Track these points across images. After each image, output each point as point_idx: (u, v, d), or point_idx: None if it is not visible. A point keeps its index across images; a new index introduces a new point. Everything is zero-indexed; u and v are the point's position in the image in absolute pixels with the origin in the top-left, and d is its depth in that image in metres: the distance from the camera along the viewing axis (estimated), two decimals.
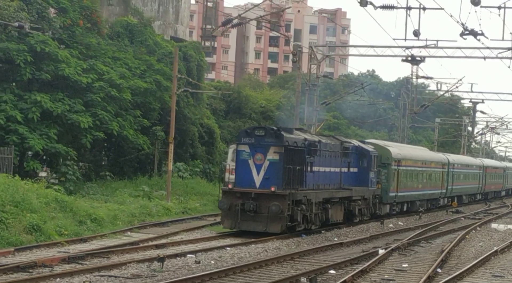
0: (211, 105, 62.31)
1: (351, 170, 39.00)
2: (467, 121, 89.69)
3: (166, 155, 53.72)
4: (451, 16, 28.22)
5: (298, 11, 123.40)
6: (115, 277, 19.85)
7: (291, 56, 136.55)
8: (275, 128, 32.14)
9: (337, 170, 37.12)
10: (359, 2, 23.45)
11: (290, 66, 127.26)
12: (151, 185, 46.86)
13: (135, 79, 47.16)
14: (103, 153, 54.10)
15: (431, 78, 57.60)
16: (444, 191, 56.98)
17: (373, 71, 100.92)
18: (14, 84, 42.39)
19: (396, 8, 29.14)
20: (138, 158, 52.50)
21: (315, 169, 34.14)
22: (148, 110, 49.41)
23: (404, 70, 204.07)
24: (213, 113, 61.85)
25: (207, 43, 33.97)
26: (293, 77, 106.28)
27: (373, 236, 33.51)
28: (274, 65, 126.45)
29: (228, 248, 26.72)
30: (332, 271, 22.57)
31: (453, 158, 61.35)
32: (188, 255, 24.50)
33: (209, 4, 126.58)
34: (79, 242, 26.94)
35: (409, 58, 41.92)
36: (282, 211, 30.33)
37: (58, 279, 19.28)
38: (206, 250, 26.00)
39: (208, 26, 35.83)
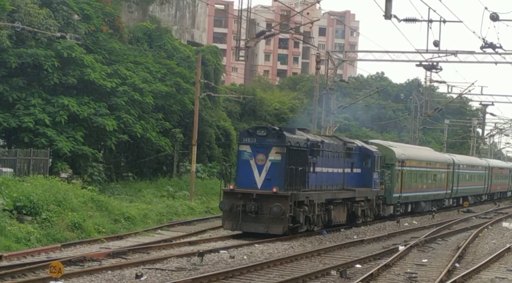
0: (227, 108, 64.11)
1: (354, 170, 38.72)
2: (476, 122, 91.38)
3: (184, 156, 55.69)
4: (473, 32, 30.18)
5: (308, 13, 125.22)
6: (162, 270, 21.69)
7: (300, 58, 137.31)
8: (277, 128, 31.94)
9: (340, 170, 36.81)
10: (383, 16, 25.24)
11: (299, 68, 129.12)
12: (171, 185, 48.63)
13: (157, 83, 48.97)
14: (123, 154, 55.88)
15: (444, 82, 59.33)
16: (449, 191, 56.79)
17: (382, 73, 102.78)
18: (40, 88, 44.16)
19: (418, 21, 30.97)
20: (157, 159, 54.30)
21: (317, 169, 33.87)
22: (169, 113, 51.18)
23: (413, 71, 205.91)
24: (229, 115, 63.65)
25: (241, 53, 35.39)
26: (303, 79, 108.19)
27: (391, 234, 35.29)
28: (284, 67, 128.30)
29: (256, 245, 28.52)
30: (358, 265, 24.36)
31: (458, 158, 61.38)
32: (221, 251, 26.27)
33: (220, 7, 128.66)
34: (116, 239, 28.80)
35: (423, 63, 43.61)
36: (284, 212, 30.08)
37: (110, 271, 21.10)
38: (236, 247, 27.80)
39: (243, 38, 37.24)
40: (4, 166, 32.00)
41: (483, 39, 30.28)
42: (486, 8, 28.59)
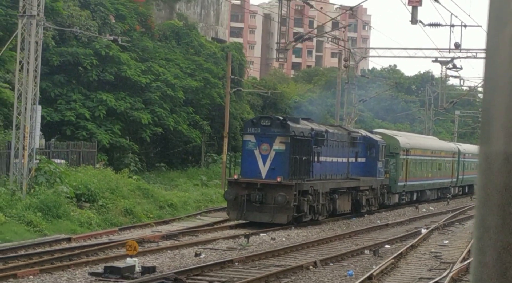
0: (249, 101, 66.23)
1: (359, 160, 38.40)
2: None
3: (211, 147, 57.96)
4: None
5: (321, 8, 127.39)
6: (215, 249, 23.95)
7: (314, 51, 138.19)
8: (281, 117, 31.60)
9: (345, 160, 36.47)
10: (410, 21, 27.31)
11: (313, 61, 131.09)
12: (202, 174, 50.82)
13: (187, 79, 51.20)
14: (153, 145, 58.15)
15: (459, 77, 61.48)
16: (455, 180, 56.48)
17: (395, 66, 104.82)
18: (79, 84, 46.43)
19: (442, 25, 33.04)
20: (185, 150, 56.55)
21: (322, 159, 33.53)
22: (198, 106, 53.39)
23: (424, 64, 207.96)
24: (252, 108, 65.75)
25: (281, 55, 37.50)
26: (317, 72, 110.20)
27: (411, 218, 37.50)
28: (298, 60, 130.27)
29: (293, 228, 30.73)
30: (387, 246, 26.57)
31: (464, 147, 61.20)
32: (261, 234, 28.48)
33: (237, 2, 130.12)
34: (163, 224, 31.08)
35: (439, 59, 45.72)
36: (288, 202, 29.69)
37: (169, 251, 23.34)
38: (274, 230, 29.98)
39: (282, 40, 39.40)
40: (57, 157, 34.19)
41: None
42: None
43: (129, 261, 19.34)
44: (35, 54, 27.45)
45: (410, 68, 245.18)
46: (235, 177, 31.14)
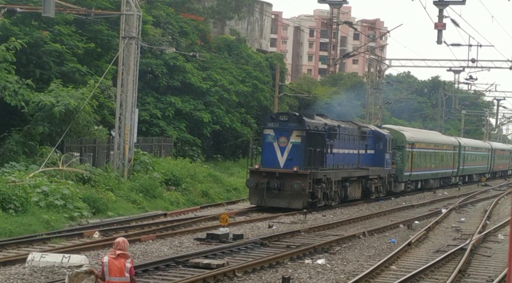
0: (288, 103, 68.77)
1: (368, 151, 38.19)
2: (488, 112, 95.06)
3: (257, 142, 60.63)
4: (501, 54, 34.76)
5: (345, 21, 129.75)
6: (282, 223, 26.66)
7: (341, 58, 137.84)
8: (297, 114, 31.49)
9: (355, 151, 36.28)
10: (436, 41, 29.94)
11: (337, 67, 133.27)
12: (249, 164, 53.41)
13: (239, 85, 53.91)
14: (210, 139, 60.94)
15: (471, 83, 63.60)
16: (456, 170, 56.48)
17: (409, 72, 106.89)
18: (152, 89, 49.29)
19: (462, 45, 35.61)
20: (235, 144, 59.24)
21: (334, 150, 33.43)
22: (248, 108, 56.07)
23: (434, 70, 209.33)
24: (290, 109, 68.28)
25: (331, 68, 40.07)
26: (341, 76, 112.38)
27: (432, 201, 39.93)
28: (324, 66, 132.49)
29: (337, 208, 33.32)
30: (416, 222, 29.07)
31: (464, 141, 61.40)
32: (313, 212, 31.07)
33: (271, 16, 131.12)
34: (232, 204, 33.77)
35: (452, 69, 48.08)
36: (304, 189, 29.68)
37: (245, 224, 26.07)
38: (323, 209, 32.50)
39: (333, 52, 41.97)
40: (143, 150, 36.98)
41: (509, 60, 34.76)
42: None
43: (223, 230, 22.10)
44: (134, 67, 30.28)
45: (422, 73, 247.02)
46: (256, 166, 30.82)
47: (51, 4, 20.80)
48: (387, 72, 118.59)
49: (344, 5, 67.23)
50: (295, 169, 29.76)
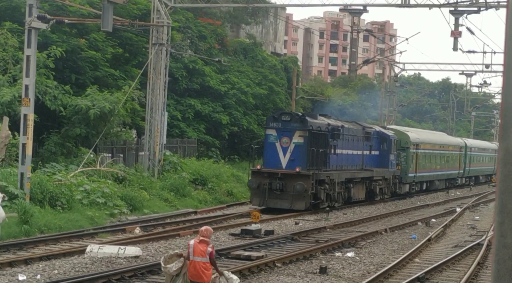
0: (301, 104, 70.43)
1: (373, 152, 37.82)
2: (497, 114, 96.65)
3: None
4: None
5: (354, 23, 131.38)
6: (307, 220, 28.32)
7: (347, 62, 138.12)
8: (299, 113, 31.14)
9: (359, 152, 35.92)
10: (452, 48, 31.52)
11: (347, 68, 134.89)
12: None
13: (256, 87, 55.62)
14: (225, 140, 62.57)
15: (483, 86, 65.15)
16: (462, 171, 55.96)
17: (419, 74, 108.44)
18: (172, 91, 51.01)
19: (477, 52, 37.32)
20: (250, 144, 60.86)
21: (338, 151, 32.98)
22: (264, 110, 57.74)
23: (445, 72, 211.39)
24: (304, 110, 69.95)
25: (352, 74, 41.77)
26: (352, 78, 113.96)
27: (445, 200, 41.55)
28: (334, 68, 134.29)
29: (356, 206, 34.97)
30: (433, 220, 30.69)
31: (470, 142, 60.91)
32: (334, 210, 32.70)
33: (282, 18, 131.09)
34: None
35: (465, 72, 49.73)
36: (306, 190, 29.25)
37: (272, 221, 27.71)
38: (342, 208, 34.15)
39: (353, 62, 43.68)
40: (167, 151, 38.69)
41: None
42: None
43: (255, 226, 23.78)
44: (163, 73, 31.99)
45: (432, 75, 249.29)
46: (258, 167, 30.36)
47: (110, 19, 22.54)
48: (392, 72, 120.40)
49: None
50: (297, 169, 29.35)
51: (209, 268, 12.05)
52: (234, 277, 12.64)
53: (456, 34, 30.09)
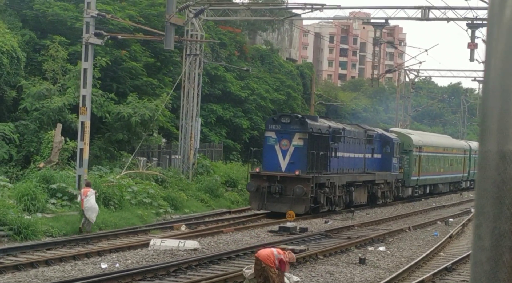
0: (316, 108, 72.79)
1: (375, 155, 37.53)
2: None
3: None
4: None
5: (363, 27, 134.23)
6: (334, 219, 30.68)
7: (357, 64, 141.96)
8: (299, 115, 30.81)
9: (361, 155, 35.58)
10: (469, 59, 33.95)
11: (357, 73, 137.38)
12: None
13: (274, 93, 58.01)
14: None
15: None
16: (466, 174, 55.45)
17: (430, 77, 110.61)
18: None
19: None
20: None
21: (339, 154, 32.61)
22: None
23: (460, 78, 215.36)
24: (318, 114, 72.30)
25: (374, 83, 44.22)
26: (362, 82, 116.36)
27: (460, 202, 43.85)
28: (344, 72, 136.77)
29: (377, 208, 37.29)
30: (451, 219, 32.99)
31: (475, 145, 60.60)
32: (356, 211, 34.99)
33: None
34: None
35: (477, 79, 52.03)
36: (306, 193, 28.88)
37: (302, 220, 30.05)
38: (363, 208, 36.42)
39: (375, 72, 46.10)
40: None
41: None
42: None
43: (290, 224, 26.14)
44: (198, 82, 34.39)
45: (441, 79, 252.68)
46: (257, 170, 30.15)
47: (172, 39, 24.98)
48: (407, 78, 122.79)
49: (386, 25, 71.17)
50: (297, 172, 28.99)
51: (273, 261, 14.25)
52: (295, 277, 14.92)
53: (472, 46, 32.43)
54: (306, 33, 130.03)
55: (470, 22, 31.75)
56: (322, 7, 32.21)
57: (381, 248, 22.45)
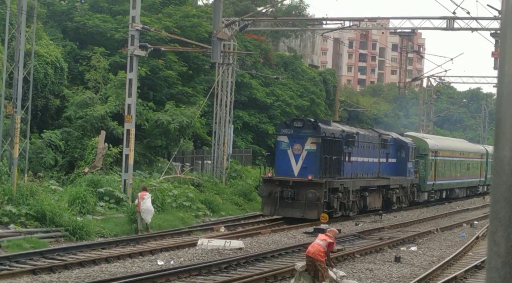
0: (339, 114, 74.15)
1: (390, 160, 37.13)
2: None
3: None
4: None
5: (382, 32, 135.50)
6: (364, 221, 32.09)
7: (376, 69, 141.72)
8: (312, 120, 30.53)
9: (376, 160, 35.22)
10: (493, 67, 35.23)
11: (376, 77, 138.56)
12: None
13: (298, 99, 59.52)
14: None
15: None
16: (483, 179, 54.88)
17: (449, 82, 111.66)
18: None
19: None
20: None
21: (353, 158, 32.30)
22: None
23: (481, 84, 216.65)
24: (341, 120, 73.70)
25: (401, 89, 45.66)
26: (381, 87, 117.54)
27: (483, 205, 45.11)
28: (363, 77, 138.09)
29: (402, 211, 38.62)
30: (476, 222, 34.27)
31: (492, 149, 63.48)
32: (383, 214, 36.31)
33: (313, 29, 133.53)
34: None
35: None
36: (319, 198, 28.59)
37: (333, 223, 31.48)
38: (389, 212, 37.74)
39: (409, 79, 47.47)
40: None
41: None
42: None
43: (324, 226, 27.55)
44: (231, 90, 35.94)
45: (463, 86, 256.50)
46: (269, 175, 29.74)
47: (218, 52, 26.59)
48: (425, 84, 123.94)
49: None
50: (309, 177, 28.71)
51: (323, 254, 15.84)
52: (341, 272, 16.42)
53: (496, 55, 33.73)
54: (325, 39, 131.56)
55: (494, 31, 33.09)
56: (359, 23, 33.57)
57: (413, 248, 23.87)
